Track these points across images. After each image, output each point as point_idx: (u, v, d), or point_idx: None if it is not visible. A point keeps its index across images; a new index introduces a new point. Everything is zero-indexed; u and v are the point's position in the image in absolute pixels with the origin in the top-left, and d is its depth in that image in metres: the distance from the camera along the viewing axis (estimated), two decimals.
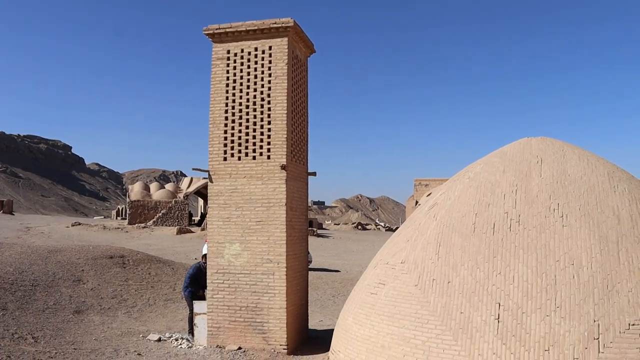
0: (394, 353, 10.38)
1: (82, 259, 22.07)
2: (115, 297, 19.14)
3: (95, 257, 22.73)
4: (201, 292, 14.92)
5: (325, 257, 42.20)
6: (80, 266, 21.19)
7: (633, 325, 9.29)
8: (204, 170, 14.04)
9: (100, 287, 19.74)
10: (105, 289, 19.72)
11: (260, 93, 13.68)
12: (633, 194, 11.42)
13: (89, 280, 20.14)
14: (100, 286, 19.85)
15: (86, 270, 21.01)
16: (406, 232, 12.34)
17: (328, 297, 22.85)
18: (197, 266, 15.32)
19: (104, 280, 20.48)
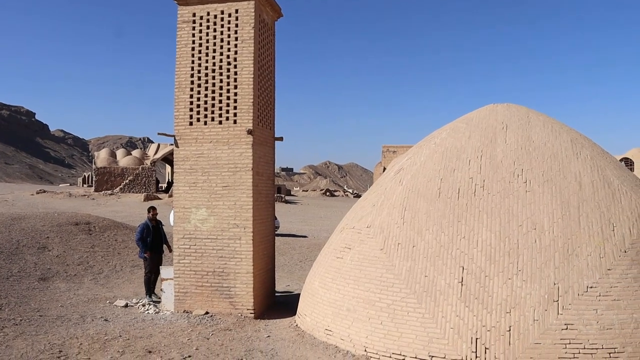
0: (359, 316, 10.51)
1: (47, 226, 21.80)
2: (81, 263, 18.98)
3: (61, 224, 22.46)
4: (147, 254, 15.09)
5: (293, 223, 42.31)
6: (45, 233, 20.94)
7: (591, 288, 9.52)
8: (169, 135, 13.88)
9: (65, 254, 19.55)
10: (70, 255, 19.54)
11: (226, 57, 13.50)
12: (595, 160, 11.59)
13: (54, 247, 19.93)
14: (65, 253, 19.66)
15: (51, 237, 20.77)
16: (372, 197, 12.41)
17: (295, 262, 22.95)
18: (144, 224, 15.38)
19: (69, 247, 20.27)
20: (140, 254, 15.43)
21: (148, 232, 15.19)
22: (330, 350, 10.68)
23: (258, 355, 10.49)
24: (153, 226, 15.35)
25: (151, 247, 15.17)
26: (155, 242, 15.31)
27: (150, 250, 15.12)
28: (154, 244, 15.26)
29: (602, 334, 9.21)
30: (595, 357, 9.13)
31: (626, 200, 10.83)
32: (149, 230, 15.21)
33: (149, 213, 15.56)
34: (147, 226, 15.27)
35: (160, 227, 15.68)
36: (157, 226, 15.51)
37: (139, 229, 15.38)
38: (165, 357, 10.22)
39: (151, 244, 15.16)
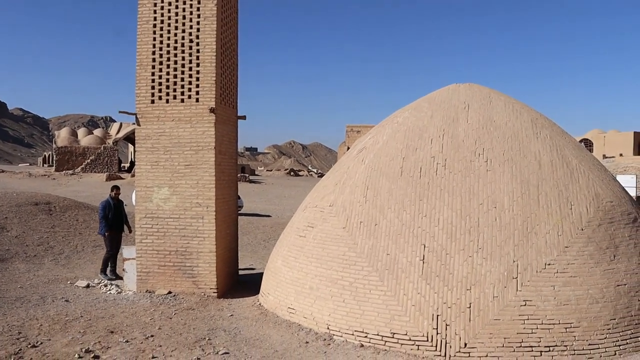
0: (321, 294, 10.56)
1: (5, 206, 21.42)
2: (41, 244, 18.71)
3: (20, 204, 22.08)
4: (108, 233, 14.97)
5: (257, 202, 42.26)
6: (3, 213, 20.58)
7: (549, 265, 9.71)
8: (131, 113, 13.69)
9: (25, 235, 19.24)
10: (30, 236, 19.24)
11: (188, 34, 13.32)
12: (554, 140, 11.77)
13: (13, 227, 19.61)
14: (25, 233, 19.35)
15: (10, 217, 20.42)
16: (335, 175, 12.43)
17: (259, 241, 22.95)
18: (107, 201, 15.24)
19: (29, 228, 19.96)
20: (100, 231, 15.28)
21: (110, 209, 15.05)
22: (293, 328, 10.73)
23: (221, 334, 10.49)
24: (115, 205, 15.20)
25: (112, 226, 15.04)
26: (116, 220, 15.17)
27: (110, 229, 15.00)
28: (114, 222, 15.12)
29: (559, 309, 9.42)
30: (552, 332, 9.33)
31: (584, 180, 11.04)
32: (111, 208, 15.07)
33: (112, 192, 15.41)
34: (109, 203, 15.11)
35: (121, 206, 15.53)
36: (118, 205, 15.36)
37: (102, 205, 15.22)
38: (127, 337, 10.16)
39: (112, 222, 15.03)
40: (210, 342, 10.03)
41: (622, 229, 10.73)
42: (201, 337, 10.31)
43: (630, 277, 10.14)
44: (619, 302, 9.80)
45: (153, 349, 9.57)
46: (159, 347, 9.72)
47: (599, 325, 9.55)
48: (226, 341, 10.13)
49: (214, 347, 9.77)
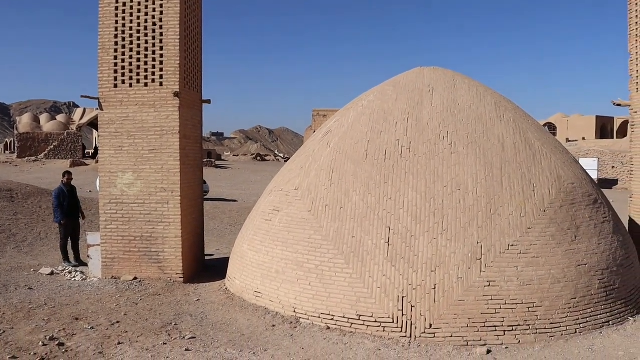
0: (288, 277, 10.58)
1: None
2: (3, 232, 18.40)
3: None
4: (64, 221, 14.80)
5: (223, 187, 42.09)
6: None
7: (512, 246, 9.85)
8: (93, 97, 13.48)
9: None
10: None
11: (152, 17, 13.14)
12: (517, 123, 11.91)
13: None
14: None
15: None
16: (300, 159, 12.42)
17: (225, 226, 22.88)
18: (59, 188, 15.03)
19: None
20: (55, 219, 15.08)
21: (64, 196, 14.82)
22: (260, 312, 10.74)
23: (187, 319, 10.46)
24: (68, 191, 14.97)
25: (67, 213, 14.83)
26: (71, 207, 14.97)
27: (66, 216, 14.80)
28: (69, 209, 14.92)
29: (521, 289, 9.57)
30: (515, 311, 9.48)
31: (546, 162, 11.20)
32: (64, 195, 14.84)
33: (64, 177, 15.16)
34: (62, 191, 14.88)
35: (75, 192, 15.31)
36: (72, 191, 15.13)
37: (55, 194, 14.99)
38: (92, 323, 10.07)
39: (67, 209, 14.83)
40: (177, 327, 10.00)
41: (583, 210, 10.93)
42: (167, 322, 10.27)
43: (590, 257, 10.34)
44: (580, 282, 10.00)
45: (119, 335, 9.51)
46: (125, 333, 9.66)
47: (561, 304, 9.74)
48: (193, 326, 10.11)
49: (180, 332, 9.74)
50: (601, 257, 10.51)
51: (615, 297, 10.48)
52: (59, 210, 14.78)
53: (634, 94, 14.64)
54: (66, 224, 14.84)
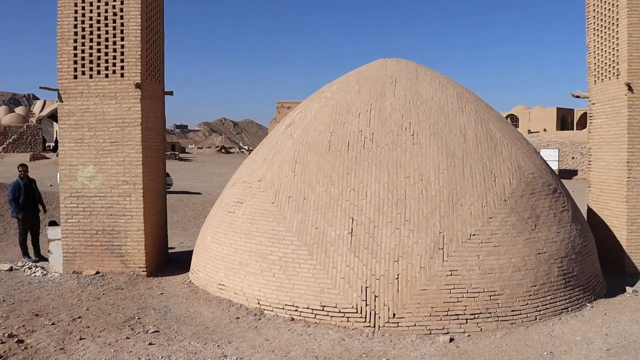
0: (251, 269, 10.56)
1: None
2: None
3: None
4: (21, 215, 14.57)
5: (187, 180, 41.82)
6: None
7: (474, 236, 9.98)
8: (52, 89, 13.24)
9: None
10: None
11: (112, 7, 12.94)
12: (479, 114, 12.04)
13: None
14: None
15: None
16: (263, 150, 12.40)
17: (189, 219, 22.73)
18: (15, 182, 14.77)
19: None
20: (12, 214, 14.83)
21: (19, 190, 14.52)
22: (224, 304, 10.71)
23: (151, 313, 10.38)
24: (25, 184, 14.67)
25: (24, 207, 14.55)
26: (28, 201, 14.68)
27: (23, 210, 14.52)
28: (27, 203, 14.63)
29: (483, 278, 9.71)
30: (477, 300, 9.62)
31: (507, 152, 11.35)
32: (20, 188, 14.53)
33: (19, 171, 14.85)
34: (18, 185, 14.57)
35: (33, 185, 15.02)
36: (29, 185, 14.84)
37: (10, 188, 14.69)
38: (53, 319, 9.92)
39: (24, 204, 14.54)
40: (140, 321, 9.91)
41: (543, 200, 11.11)
42: (130, 316, 10.17)
43: (550, 246, 10.53)
44: (540, 270, 10.18)
45: (81, 331, 9.39)
46: (87, 328, 9.54)
47: (521, 292, 9.91)
48: (156, 319, 10.03)
49: (143, 326, 9.66)
50: (560, 246, 10.72)
51: (573, 284, 10.71)
52: (13, 204, 14.48)
53: (592, 86, 14.91)
54: (24, 218, 14.56)
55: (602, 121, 14.44)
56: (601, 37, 14.42)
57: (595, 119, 14.79)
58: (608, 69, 14.14)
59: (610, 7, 13.94)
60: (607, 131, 14.20)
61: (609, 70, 14.09)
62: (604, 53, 14.31)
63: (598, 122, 14.63)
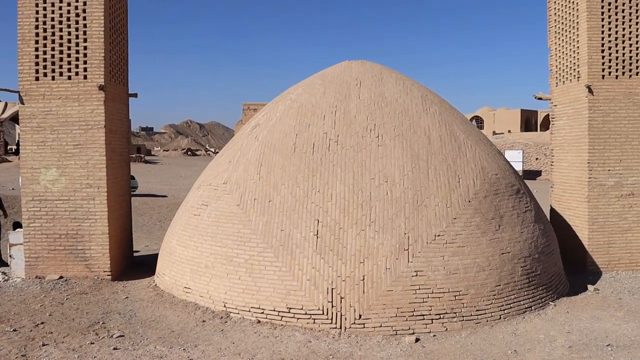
0: (217, 272, 10.52)
1: None
2: None
3: None
4: None
5: (152, 183, 41.51)
6: None
7: (438, 236, 10.06)
8: (12, 90, 13.03)
9: None
10: None
11: (74, 8, 12.79)
12: (443, 116, 12.15)
13: None
14: None
15: None
16: (229, 153, 12.35)
17: (154, 222, 22.57)
18: None
19: None
20: None
21: None
22: (190, 307, 10.65)
23: (116, 317, 10.28)
24: None
25: None
26: None
27: None
28: None
29: (448, 278, 9.80)
30: (442, 300, 9.70)
31: (471, 154, 11.47)
32: None
33: None
34: None
35: None
36: None
37: None
38: (15, 325, 9.77)
39: None
40: (105, 326, 9.81)
41: (507, 200, 11.25)
42: (95, 321, 10.06)
43: (513, 246, 10.67)
44: (504, 269, 10.31)
45: (43, 337, 9.26)
46: (50, 334, 9.42)
47: (486, 291, 10.02)
48: (121, 324, 9.94)
49: (108, 331, 9.56)
50: (524, 245, 10.87)
51: (537, 283, 10.87)
52: None
53: (554, 88, 15.16)
54: None
55: (563, 123, 14.69)
56: (562, 40, 14.68)
57: (557, 121, 15.04)
58: (569, 71, 14.40)
59: (571, 12, 14.20)
60: (568, 132, 14.45)
61: (570, 72, 14.35)
62: (565, 56, 14.56)
63: (560, 123, 14.88)
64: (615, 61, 13.72)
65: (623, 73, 13.76)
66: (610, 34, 13.67)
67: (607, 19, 13.65)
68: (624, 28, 13.72)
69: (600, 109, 13.69)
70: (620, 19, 13.69)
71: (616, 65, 13.73)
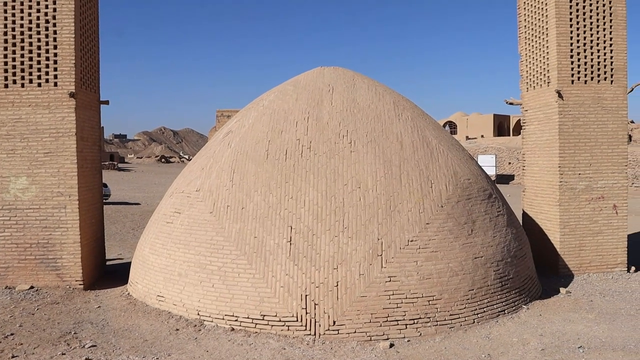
0: (190, 280, 10.45)
1: None
2: None
3: None
4: None
5: (126, 190, 41.17)
6: None
7: (411, 242, 10.10)
8: None
9: None
10: None
11: (44, 15, 12.66)
12: (415, 121, 12.21)
13: None
14: None
15: None
16: (201, 160, 12.30)
17: (127, 230, 22.35)
18: None
19: None
20: None
21: None
22: (163, 316, 10.56)
23: (88, 327, 10.16)
24: None
25: None
26: None
27: None
28: None
29: (422, 283, 9.84)
30: (416, 305, 9.73)
31: (443, 159, 11.54)
32: None
33: None
34: None
35: None
36: None
37: None
38: None
39: None
40: (77, 336, 9.69)
41: (479, 205, 11.34)
42: (66, 331, 9.93)
43: (486, 250, 10.75)
44: (477, 274, 10.38)
45: (13, 348, 9.12)
46: (20, 345, 9.27)
47: (459, 296, 10.08)
48: (93, 334, 9.83)
49: (80, 341, 9.44)
50: (496, 250, 10.95)
51: (510, 287, 10.96)
52: None
53: (525, 93, 15.33)
54: None
55: (534, 127, 14.86)
56: (532, 46, 14.86)
57: (528, 125, 15.20)
58: (539, 76, 14.58)
59: (540, 18, 14.39)
60: (539, 137, 14.62)
61: (540, 78, 14.53)
62: (535, 61, 14.75)
63: (531, 128, 15.04)
64: (584, 66, 13.94)
65: (592, 78, 13.98)
66: (579, 40, 13.89)
67: (576, 25, 13.87)
68: (592, 34, 13.95)
69: (570, 114, 13.87)
70: (588, 25, 13.92)
71: (585, 70, 13.95)
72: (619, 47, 14.11)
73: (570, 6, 13.85)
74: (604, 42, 14.01)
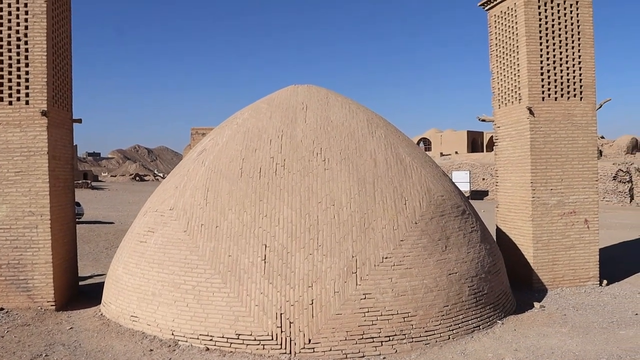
0: (165, 300, 10.35)
1: None
2: None
3: None
4: None
5: (99, 209, 40.77)
6: None
7: (386, 259, 10.12)
8: None
9: None
10: None
11: (16, 32, 12.55)
12: (389, 139, 12.28)
13: None
14: None
15: None
16: (175, 179, 12.24)
17: (101, 249, 22.09)
18: None
19: None
20: None
21: None
22: (137, 336, 10.45)
23: (59, 349, 10.01)
24: None
25: None
26: None
27: None
28: None
29: (396, 300, 9.85)
30: (391, 322, 9.74)
31: (416, 176, 11.61)
32: None
33: None
34: None
35: None
36: None
37: None
38: None
39: None
40: (48, 359, 9.57)
41: (453, 221, 11.41)
42: (37, 354, 9.78)
43: (460, 266, 10.80)
44: (451, 290, 10.42)
45: None
46: None
47: (434, 312, 10.11)
48: (65, 356, 9.69)
49: None
50: (470, 265, 11.01)
51: (484, 302, 11.01)
52: None
53: (497, 110, 15.51)
54: None
55: (507, 144, 15.03)
56: (503, 63, 15.07)
57: (500, 142, 15.37)
58: (511, 93, 14.78)
59: (511, 36, 14.61)
60: (511, 153, 14.78)
61: (512, 95, 14.72)
62: (507, 79, 14.95)
63: (503, 144, 15.21)
64: (554, 84, 14.17)
65: (562, 95, 14.21)
66: (549, 58, 14.13)
67: (545, 43, 14.11)
68: (562, 52, 14.20)
69: (541, 130, 14.06)
70: (557, 44, 14.17)
71: (555, 87, 14.18)
72: (587, 64, 14.37)
73: (540, 25, 14.10)
74: (573, 60, 14.27)
